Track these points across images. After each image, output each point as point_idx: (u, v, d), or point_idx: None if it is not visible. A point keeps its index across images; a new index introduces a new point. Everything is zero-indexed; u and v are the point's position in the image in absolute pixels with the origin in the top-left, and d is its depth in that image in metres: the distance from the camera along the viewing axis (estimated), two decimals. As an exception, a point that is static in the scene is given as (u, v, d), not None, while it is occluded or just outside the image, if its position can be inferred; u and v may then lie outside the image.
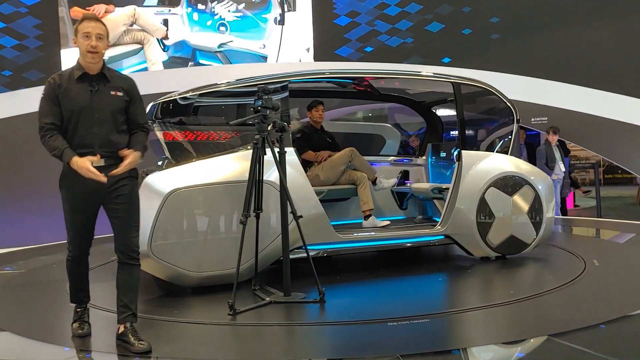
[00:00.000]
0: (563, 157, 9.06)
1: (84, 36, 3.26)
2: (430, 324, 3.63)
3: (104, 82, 3.33)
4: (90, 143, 3.25)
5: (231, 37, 10.42)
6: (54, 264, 6.49)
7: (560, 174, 8.88)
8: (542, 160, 8.91)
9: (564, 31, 9.85)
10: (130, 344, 3.22)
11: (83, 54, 3.28)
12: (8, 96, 9.31)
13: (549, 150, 8.96)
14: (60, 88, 3.25)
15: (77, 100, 3.25)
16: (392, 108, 9.17)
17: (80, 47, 3.28)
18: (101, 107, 3.29)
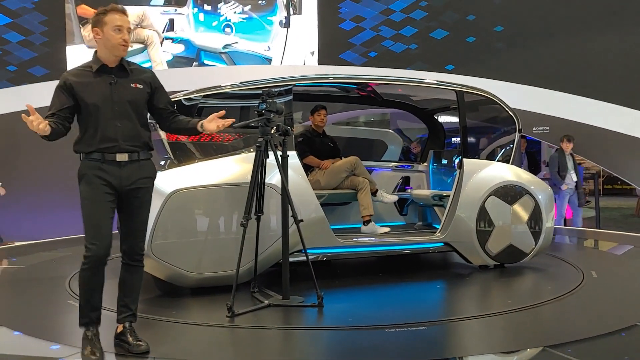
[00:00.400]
0: (576, 166, 8.78)
1: (116, 29, 3.17)
2: (427, 332, 3.64)
3: (124, 74, 3.26)
4: (114, 137, 3.18)
5: (236, 39, 10.45)
6: (53, 260, 6.51)
7: (571, 184, 8.61)
8: (554, 169, 8.67)
9: (568, 41, 9.87)
10: (129, 344, 3.22)
11: (113, 46, 3.18)
12: (12, 91, 9.33)
13: (561, 158, 8.68)
14: (71, 79, 3.18)
15: (97, 93, 3.17)
16: (394, 114, 9.19)
17: (109, 39, 3.17)
18: (121, 100, 3.21)
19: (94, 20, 3.23)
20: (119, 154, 3.20)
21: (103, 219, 3.16)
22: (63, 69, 9.48)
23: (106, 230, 3.16)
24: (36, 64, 9.56)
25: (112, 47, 3.19)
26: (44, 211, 9.01)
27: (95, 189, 3.17)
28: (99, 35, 3.21)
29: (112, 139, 3.18)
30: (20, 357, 3.32)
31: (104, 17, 3.20)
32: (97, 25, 3.21)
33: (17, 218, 8.90)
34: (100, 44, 3.22)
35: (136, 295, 3.38)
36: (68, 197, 8.75)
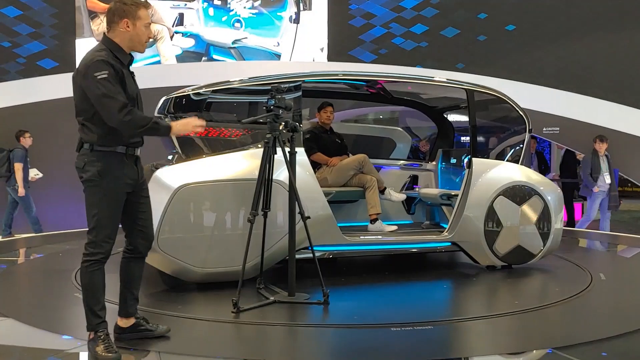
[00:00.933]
0: (611, 168, 8.43)
1: (147, 26, 3.14)
2: (433, 332, 3.62)
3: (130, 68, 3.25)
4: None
5: (245, 34, 10.42)
6: (60, 253, 6.53)
7: (604, 187, 8.29)
8: (587, 171, 8.41)
9: (580, 42, 9.79)
10: (152, 330, 3.33)
11: (140, 42, 3.14)
12: (22, 84, 9.36)
13: (594, 160, 8.38)
14: (120, 73, 3.07)
15: (131, 88, 3.14)
16: (403, 112, 9.13)
17: (139, 35, 3.12)
18: (139, 94, 3.24)
19: (125, 10, 3.09)
20: (137, 149, 3.19)
21: (119, 218, 3.15)
22: (72, 62, 9.50)
23: (117, 226, 3.15)
24: (46, 57, 9.58)
25: (139, 42, 3.15)
26: (51, 204, 9.04)
27: (119, 186, 3.10)
28: (128, 28, 3.10)
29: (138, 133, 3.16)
30: (26, 349, 3.32)
31: (137, 11, 3.11)
32: (128, 17, 3.10)
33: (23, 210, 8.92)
34: (126, 37, 3.11)
35: (140, 284, 3.42)
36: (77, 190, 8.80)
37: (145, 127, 3.04)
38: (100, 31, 9.69)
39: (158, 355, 3.20)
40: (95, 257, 3.08)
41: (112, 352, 3.03)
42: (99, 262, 3.09)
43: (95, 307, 3.11)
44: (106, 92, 2.96)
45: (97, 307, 3.11)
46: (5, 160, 8.33)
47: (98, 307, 3.12)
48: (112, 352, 3.03)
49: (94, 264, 3.08)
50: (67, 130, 8.93)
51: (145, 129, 3.05)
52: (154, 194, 3.91)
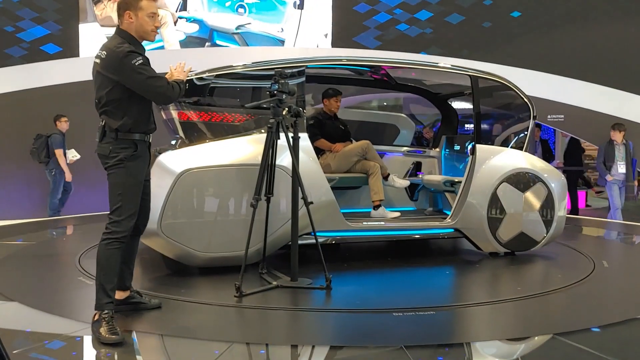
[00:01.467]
0: (629, 157, 8.28)
1: (151, 16, 3.27)
2: (435, 317, 3.63)
3: None
4: (153, 119, 3.42)
5: (249, 19, 10.37)
6: (64, 237, 6.56)
7: (618, 176, 8.21)
8: (600, 159, 8.38)
9: (586, 29, 9.72)
10: (145, 302, 3.59)
11: (146, 33, 3.30)
12: (25, 69, 9.35)
13: (608, 148, 8.35)
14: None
15: None
16: (407, 98, 9.10)
17: (143, 25, 3.27)
18: None
19: (127, 2, 3.26)
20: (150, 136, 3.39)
21: (140, 200, 3.35)
22: (75, 46, 9.49)
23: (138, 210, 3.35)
24: (49, 42, 9.56)
25: (145, 33, 3.29)
26: (56, 189, 9.05)
27: (142, 169, 3.33)
28: (131, 19, 3.25)
29: (153, 121, 3.41)
30: (31, 332, 3.34)
31: (140, 2, 3.24)
32: (130, 9, 3.25)
33: (30, 195, 8.96)
34: (132, 28, 3.27)
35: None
36: (81, 174, 8.83)
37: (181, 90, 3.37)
38: (103, 16, 9.66)
39: (161, 339, 3.21)
40: (117, 236, 3.23)
41: (115, 334, 3.07)
42: (120, 241, 3.24)
43: (107, 286, 3.21)
44: (149, 75, 3.20)
45: (109, 287, 3.22)
46: (44, 146, 8.35)
47: (110, 286, 3.22)
48: (115, 334, 3.07)
49: (114, 242, 3.23)
50: (71, 115, 8.99)
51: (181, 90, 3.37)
52: (157, 178, 3.93)
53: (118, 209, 3.24)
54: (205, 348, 3.06)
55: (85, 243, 5.80)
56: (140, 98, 3.27)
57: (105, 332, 3.08)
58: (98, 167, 3.40)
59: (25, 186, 9.12)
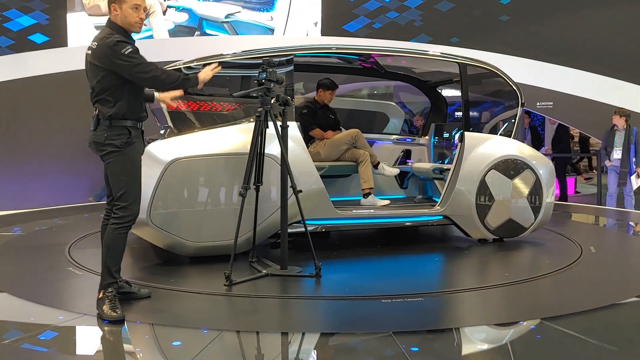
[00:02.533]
0: (627, 143, 8.13)
1: (134, 7, 3.34)
2: (424, 303, 3.66)
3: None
4: (144, 107, 3.52)
5: (239, 8, 10.31)
6: (53, 228, 6.55)
7: (615, 162, 8.18)
8: (603, 144, 8.42)
9: (575, 16, 9.74)
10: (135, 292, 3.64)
11: (130, 24, 3.36)
12: (13, 58, 9.27)
13: (609, 134, 8.30)
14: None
15: None
16: (397, 86, 9.11)
17: (127, 17, 3.34)
18: None
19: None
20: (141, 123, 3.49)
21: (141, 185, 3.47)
22: (63, 36, 9.41)
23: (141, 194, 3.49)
24: (36, 31, 9.47)
25: (129, 25, 3.37)
26: (44, 179, 9.02)
27: (139, 155, 3.44)
28: (116, 11, 3.34)
29: (144, 109, 3.52)
30: (21, 323, 3.34)
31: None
32: (115, 2, 3.34)
33: (17, 186, 8.91)
34: (118, 20, 3.36)
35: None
36: (68, 165, 8.80)
37: (179, 80, 3.43)
38: (91, 5, 9.58)
39: (152, 328, 3.23)
40: (125, 220, 3.36)
41: (116, 311, 3.23)
42: (127, 225, 3.38)
43: (113, 268, 3.37)
44: (138, 62, 3.28)
45: (114, 268, 3.38)
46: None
47: (115, 267, 3.38)
48: (116, 311, 3.23)
49: (122, 227, 3.37)
50: (58, 105, 8.94)
51: (180, 81, 3.44)
52: (146, 168, 3.91)
53: (124, 194, 3.35)
54: (195, 336, 3.07)
55: (74, 233, 5.80)
56: (131, 85, 3.35)
57: (107, 310, 3.23)
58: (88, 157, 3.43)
59: (13, 176, 9.06)
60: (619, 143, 8.22)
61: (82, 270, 4.37)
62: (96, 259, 3.93)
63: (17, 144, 9.02)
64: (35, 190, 8.67)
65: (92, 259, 4.51)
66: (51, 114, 8.94)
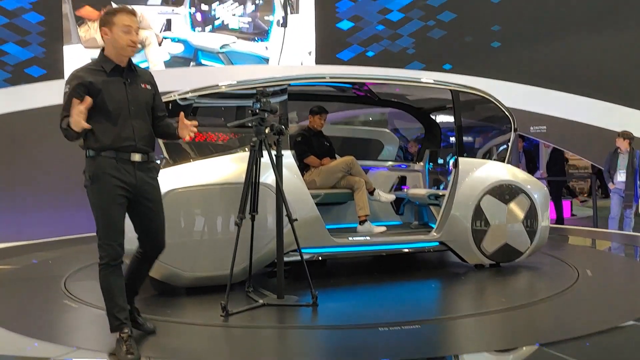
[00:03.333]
0: (632, 165, 8.06)
1: (125, 30, 3.19)
2: (421, 330, 3.64)
3: (133, 75, 3.30)
4: (131, 136, 3.20)
5: (234, 39, 10.45)
6: (50, 260, 6.52)
7: (619, 184, 8.10)
8: (606, 167, 8.32)
9: (565, 40, 9.88)
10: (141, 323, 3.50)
11: (122, 47, 3.20)
12: (9, 92, 9.34)
13: (613, 156, 8.23)
14: (89, 78, 3.13)
15: (115, 94, 3.19)
16: (391, 113, 9.21)
17: (117, 40, 3.18)
18: (136, 100, 3.26)
19: (103, 19, 3.23)
20: (134, 154, 3.22)
21: (119, 218, 3.18)
22: (60, 69, 9.50)
23: (121, 229, 3.20)
24: (33, 64, 9.56)
25: (121, 48, 3.20)
26: (42, 211, 9.02)
27: (110, 188, 3.15)
28: (107, 35, 3.22)
29: (129, 138, 3.20)
30: (16, 357, 3.32)
31: (113, 17, 3.20)
32: (105, 25, 3.22)
33: (14, 218, 8.90)
34: (109, 44, 3.23)
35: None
36: (66, 197, 8.79)
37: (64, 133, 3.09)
38: (87, 37, 9.69)
39: (148, 362, 3.20)
40: (104, 261, 3.16)
41: (131, 354, 3.08)
42: (108, 265, 3.16)
43: (113, 310, 3.18)
44: (63, 107, 3.11)
45: (115, 310, 3.18)
46: None
47: (115, 309, 3.18)
48: (131, 354, 3.08)
49: (104, 267, 3.17)
50: (56, 138, 8.95)
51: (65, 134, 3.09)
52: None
53: (97, 232, 3.17)
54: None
55: (71, 265, 5.77)
56: (95, 114, 3.11)
57: (121, 352, 3.09)
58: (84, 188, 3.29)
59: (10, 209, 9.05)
60: (622, 166, 8.14)
61: (78, 303, 4.35)
62: (92, 291, 3.93)
63: (14, 176, 9.03)
64: (32, 223, 8.65)
65: (88, 291, 4.49)
66: (48, 146, 8.96)
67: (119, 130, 3.18)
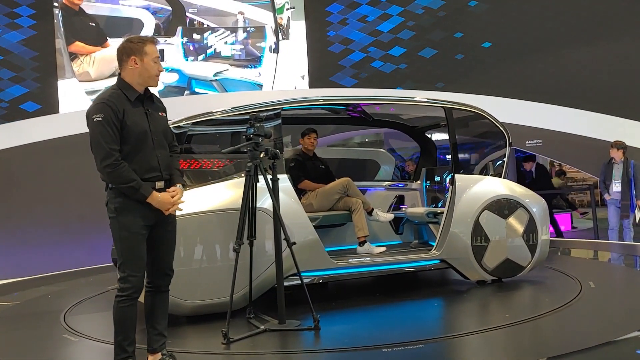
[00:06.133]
0: (627, 176, 8.06)
1: (155, 60, 3.23)
2: (425, 350, 3.61)
3: (152, 103, 3.30)
4: (157, 166, 3.20)
5: (227, 66, 10.52)
6: (49, 295, 6.47)
7: (614, 195, 8.10)
8: (601, 177, 8.35)
9: (556, 54, 9.96)
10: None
11: (150, 77, 3.23)
12: (5, 128, 9.36)
13: (608, 167, 8.24)
14: (120, 112, 3.10)
15: (140, 124, 3.17)
16: (387, 133, 9.25)
17: (148, 70, 3.20)
18: (157, 129, 3.25)
19: (132, 48, 3.19)
20: (158, 183, 3.21)
21: (142, 251, 3.18)
22: (55, 104, 9.54)
23: (144, 260, 3.20)
24: (28, 100, 9.60)
25: (150, 77, 3.23)
26: (39, 247, 8.97)
27: (136, 221, 3.13)
28: (137, 64, 3.20)
29: (154, 168, 3.20)
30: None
31: (144, 47, 3.20)
32: (136, 54, 3.19)
33: (12, 254, 8.85)
34: (136, 74, 3.20)
35: (166, 320, 3.38)
36: (64, 232, 8.77)
37: (126, 185, 3.08)
38: (81, 72, 9.75)
39: (149, 392, 3.16)
40: (125, 293, 3.12)
41: None
42: (129, 297, 3.12)
43: (124, 342, 3.13)
44: (97, 136, 3.06)
45: (126, 342, 3.13)
46: None
47: (126, 342, 3.13)
48: None
49: (124, 300, 3.12)
50: (52, 171, 8.99)
51: (125, 186, 3.09)
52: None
53: (121, 264, 3.14)
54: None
55: (70, 299, 5.73)
56: (131, 142, 3.13)
57: None
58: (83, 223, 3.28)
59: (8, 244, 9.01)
60: (617, 176, 8.15)
61: (78, 337, 4.30)
62: (92, 324, 3.89)
63: (12, 211, 9.00)
64: (30, 258, 8.60)
65: (88, 324, 4.45)
66: (45, 180, 8.97)
67: (147, 161, 3.18)
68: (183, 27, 10.38)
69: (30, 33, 9.71)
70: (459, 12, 10.40)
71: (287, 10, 10.65)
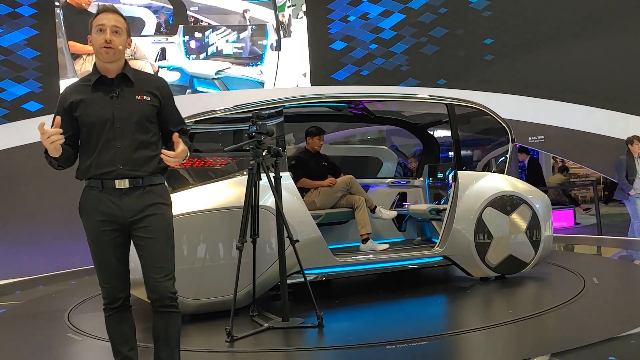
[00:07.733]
0: None
1: (98, 30, 2.72)
2: (429, 347, 3.61)
3: (127, 85, 2.79)
4: (112, 159, 2.72)
5: (228, 64, 10.52)
6: (53, 294, 6.48)
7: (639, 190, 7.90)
8: (622, 173, 8.04)
9: (557, 50, 9.94)
10: None
11: (97, 51, 2.73)
12: (7, 127, 9.37)
13: (630, 161, 8.01)
14: (67, 102, 2.75)
15: (95, 110, 2.73)
16: (389, 130, 9.23)
17: (94, 44, 2.74)
18: (123, 116, 2.74)
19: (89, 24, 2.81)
20: (118, 180, 2.73)
21: (109, 257, 2.77)
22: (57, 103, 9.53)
23: (115, 268, 2.79)
24: (30, 100, 9.61)
25: (96, 52, 2.75)
26: (42, 246, 8.99)
27: (94, 224, 2.76)
28: (91, 42, 2.78)
29: (109, 163, 2.72)
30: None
31: (91, 22, 2.78)
32: (89, 32, 2.79)
33: (15, 253, 8.87)
34: (94, 51, 2.78)
35: (174, 349, 2.82)
36: (66, 231, 8.77)
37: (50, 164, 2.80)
38: (83, 71, 9.75)
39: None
40: (103, 303, 2.84)
41: None
42: (106, 308, 2.83)
43: (113, 353, 2.88)
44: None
45: (116, 356, 2.87)
46: None
47: (117, 356, 2.87)
48: None
49: (104, 310, 2.85)
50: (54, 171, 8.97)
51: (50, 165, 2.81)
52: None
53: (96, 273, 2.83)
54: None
55: (74, 298, 5.74)
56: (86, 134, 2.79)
57: None
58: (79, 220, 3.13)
59: (10, 244, 9.03)
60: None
61: (82, 336, 4.31)
62: (96, 323, 3.89)
63: (15, 210, 9.02)
64: (33, 257, 8.62)
65: (92, 323, 4.45)
66: (47, 180, 8.95)
67: (101, 153, 2.74)
68: (184, 25, 10.38)
69: (32, 33, 9.72)
70: (460, 8, 10.38)
71: (288, 8, 10.64)
